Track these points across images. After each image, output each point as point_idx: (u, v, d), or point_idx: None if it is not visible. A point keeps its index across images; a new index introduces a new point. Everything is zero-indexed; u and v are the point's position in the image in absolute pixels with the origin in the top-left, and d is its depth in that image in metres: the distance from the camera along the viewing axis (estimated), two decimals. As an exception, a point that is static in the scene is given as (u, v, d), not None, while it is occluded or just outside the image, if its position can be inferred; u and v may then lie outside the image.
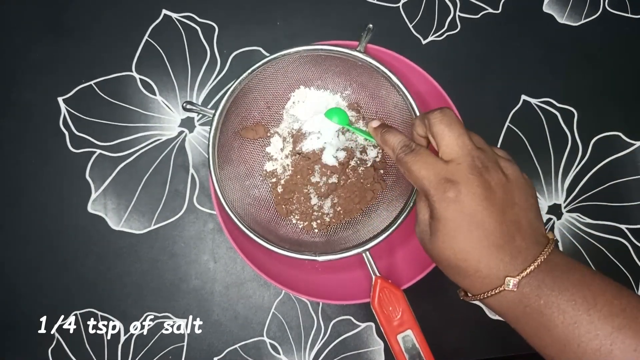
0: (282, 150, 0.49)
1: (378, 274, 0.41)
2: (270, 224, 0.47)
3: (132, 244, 0.52)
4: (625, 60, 0.57)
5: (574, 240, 0.53)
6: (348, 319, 0.51)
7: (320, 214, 0.48)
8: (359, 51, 0.43)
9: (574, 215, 0.54)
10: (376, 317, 0.40)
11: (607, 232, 0.53)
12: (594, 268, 0.50)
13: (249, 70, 0.43)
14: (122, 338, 0.50)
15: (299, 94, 0.49)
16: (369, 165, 0.48)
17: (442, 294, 0.52)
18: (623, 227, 0.53)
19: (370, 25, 0.44)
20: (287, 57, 0.44)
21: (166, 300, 0.51)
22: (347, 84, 0.48)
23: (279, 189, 0.48)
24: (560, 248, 0.53)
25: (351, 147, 0.48)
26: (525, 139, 0.54)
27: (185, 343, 0.50)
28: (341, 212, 0.48)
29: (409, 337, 0.39)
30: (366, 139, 0.48)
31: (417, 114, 0.43)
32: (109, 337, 0.50)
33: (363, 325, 0.51)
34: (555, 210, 0.54)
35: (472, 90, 0.55)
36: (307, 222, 0.48)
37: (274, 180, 0.48)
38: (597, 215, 0.54)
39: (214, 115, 0.43)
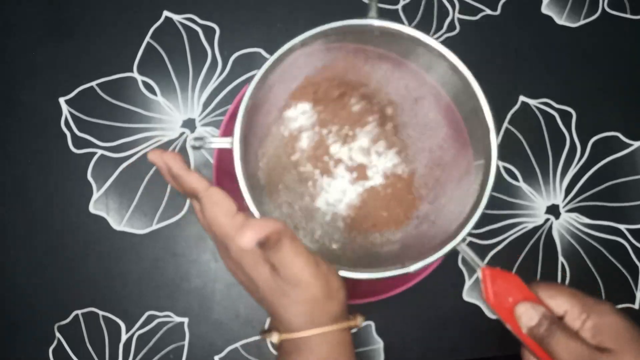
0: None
1: (483, 264, 0.34)
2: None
3: (134, 243, 0.52)
4: (624, 60, 0.57)
5: (572, 241, 0.53)
6: (348, 318, 0.51)
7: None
8: (373, 17, 0.37)
9: (573, 215, 0.54)
10: (498, 317, 0.33)
11: (606, 232, 0.54)
12: (594, 271, 0.51)
13: (252, 87, 0.36)
14: (124, 337, 0.51)
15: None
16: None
17: (441, 292, 0.52)
18: (622, 227, 0.54)
19: None
20: (289, 54, 0.37)
21: (167, 299, 0.51)
22: (362, 64, 0.44)
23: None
24: (559, 249, 0.53)
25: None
26: (523, 140, 0.55)
27: (186, 342, 0.51)
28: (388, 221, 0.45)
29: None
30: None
31: (462, 69, 0.37)
32: (110, 337, 0.51)
33: (363, 324, 0.51)
34: (553, 210, 0.54)
35: (471, 91, 0.55)
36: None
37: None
38: (596, 215, 0.54)
39: (232, 142, 0.35)
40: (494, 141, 0.37)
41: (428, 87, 0.43)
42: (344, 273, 0.35)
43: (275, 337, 0.34)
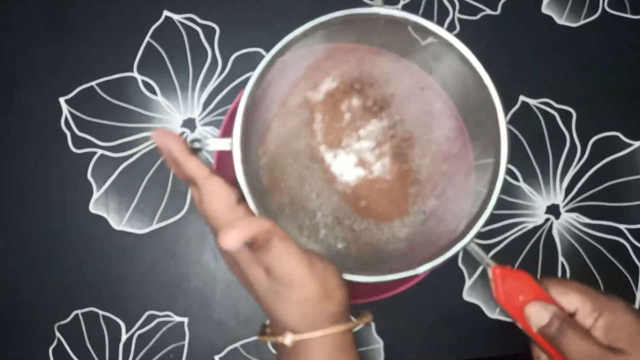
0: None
1: (493, 264, 0.33)
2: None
3: (134, 243, 0.52)
4: (624, 60, 0.57)
5: (572, 240, 0.53)
6: (348, 318, 0.51)
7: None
8: (378, 5, 0.35)
9: (573, 215, 0.54)
10: (510, 316, 0.33)
11: (606, 232, 0.54)
12: (594, 271, 0.50)
13: (251, 85, 0.35)
14: (124, 337, 0.51)
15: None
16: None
17: (441, 292, 0.52)
18: (622, 227, 0.54)
19: None
20: (289, 46, 0.36)
21: (167, 299, 0.51)
22: (364, 55, 0.42)
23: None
24: (559, 249, 0.53)
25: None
26: (523, 140, 0.55)
27: (186, 342, 0.51)
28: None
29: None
30: None
31: (472, 58, 0.37)
32: (110, 336, 0.51)
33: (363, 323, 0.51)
34: (553, 210, 0.54)
35: (471, 91, 0.55)
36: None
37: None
38: (596, 215, 0.54)
39: (232, 143, 0.33)
40: (504, 128, 0.37)
41: (433, 78, 0.42)
42: (350, 277, 0.34)
43: (288, 339, 0.32)
